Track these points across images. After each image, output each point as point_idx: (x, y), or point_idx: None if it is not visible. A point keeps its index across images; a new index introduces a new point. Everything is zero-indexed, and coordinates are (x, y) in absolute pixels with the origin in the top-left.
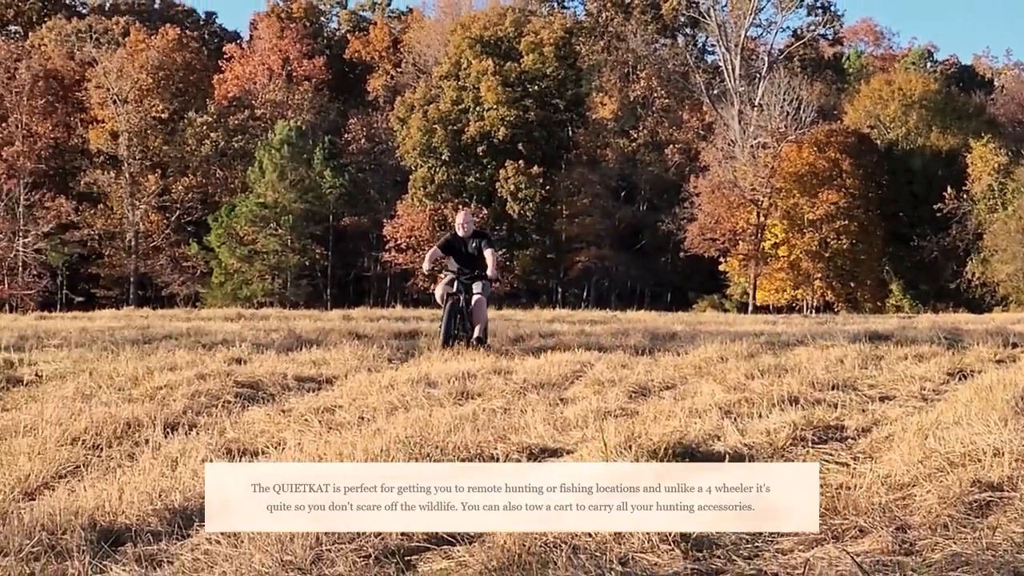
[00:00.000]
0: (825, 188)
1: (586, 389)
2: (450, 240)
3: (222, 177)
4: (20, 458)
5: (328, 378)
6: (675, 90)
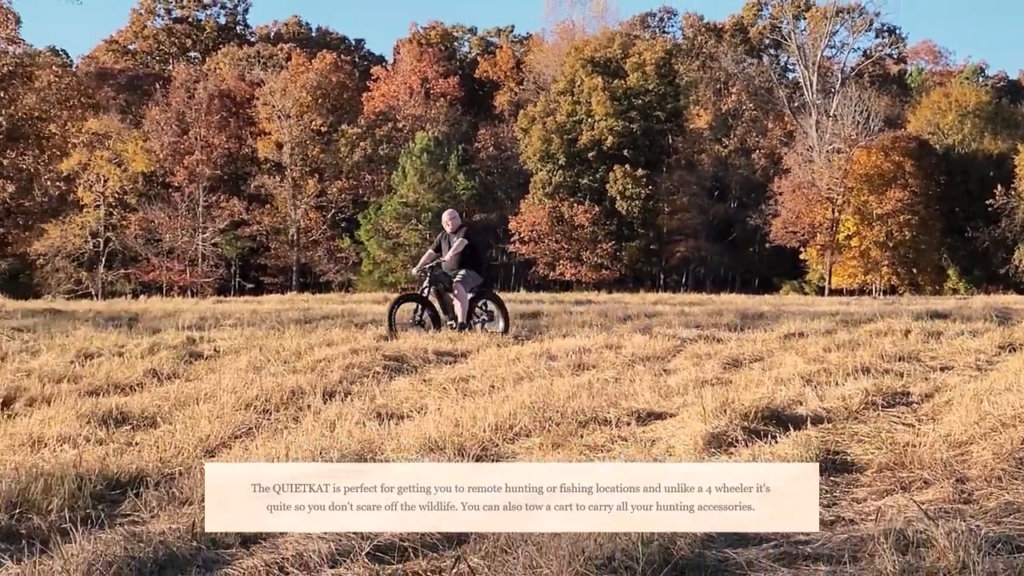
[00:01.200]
0: (891, 187)
1: (686, 361)
2: (440, 240)
3: (370, 180)
4: (202, 421)
5: (463, 352)
6: (761, 103)
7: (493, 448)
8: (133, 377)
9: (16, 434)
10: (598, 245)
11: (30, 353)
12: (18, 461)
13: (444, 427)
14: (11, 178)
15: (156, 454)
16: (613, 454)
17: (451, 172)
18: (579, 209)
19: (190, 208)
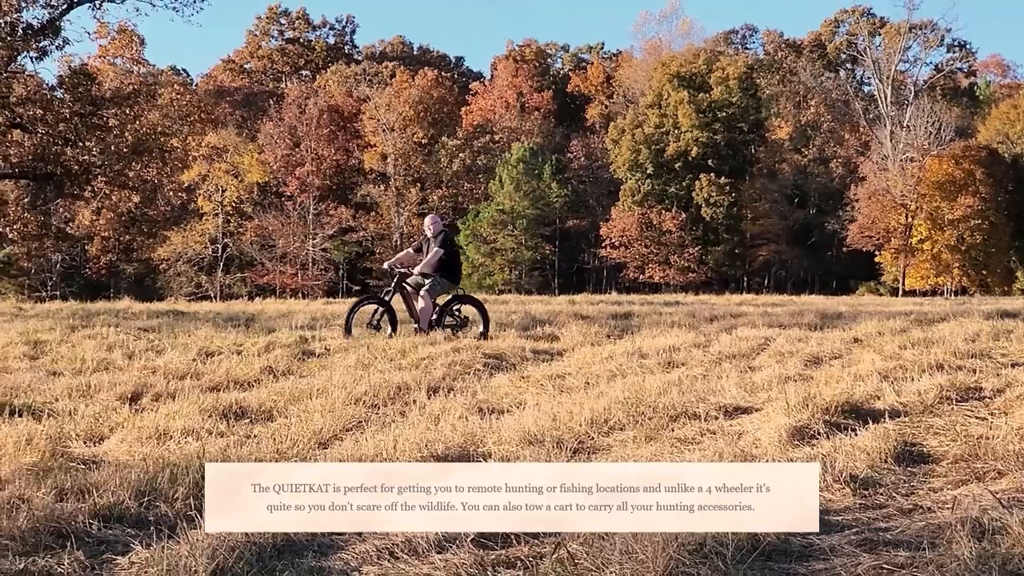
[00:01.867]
0: (961, 194)
1: (770, 359)
2: (421, 241)
3: (469, 189)
4: (315, 415)
5: (559, 351)
6: (838, 115)
7: (589, 441)
8: (251, 374)
9: (144, 427)
10: (685, 249)
11: (155, 352)
12: (146, 452)
13: (542, 421)
14: (136, 189)
15: (273, 446)
16: (703, 447)
17: (545, 181)
18: (666, 216)
19: (301, 216)
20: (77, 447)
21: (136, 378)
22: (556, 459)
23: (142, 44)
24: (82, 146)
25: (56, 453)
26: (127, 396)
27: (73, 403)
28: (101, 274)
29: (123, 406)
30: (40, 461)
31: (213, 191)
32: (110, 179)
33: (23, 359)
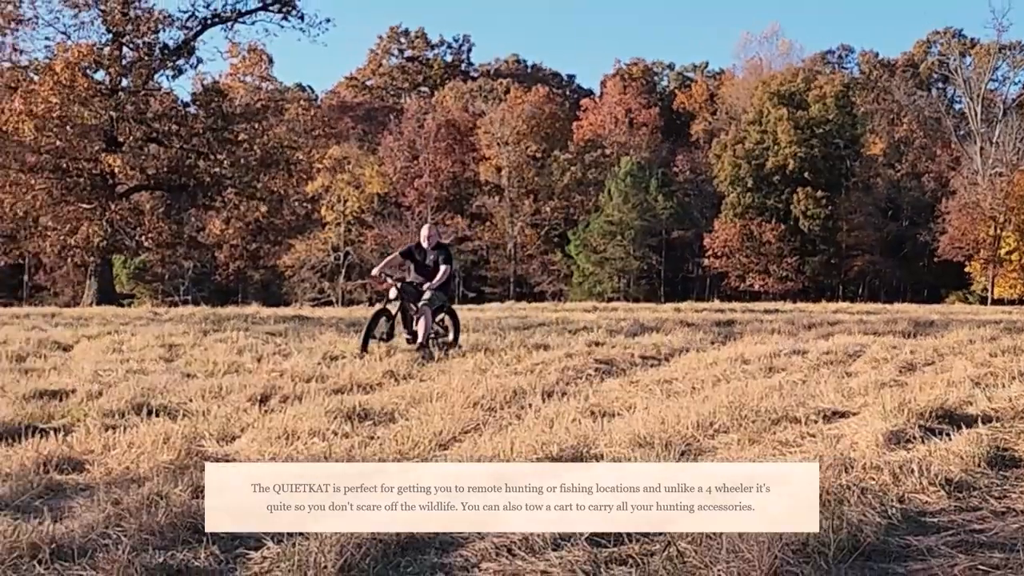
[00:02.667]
0: None
1: (866, 365)
2: (412, 249)
3: (579, 201)
4: (435, 418)
5: (665, 356)
6: (930, 132)
7: (695, 444)
8: (373, 378)
9: (272, 428)
10: (783, 259)
11: (282, 355)
12: (275, 452)
13: (651, 424)
14: (264, 199)
15: (395, 447)
16: (803, 449)
17: (651, 193)
18: (766, 227)
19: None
20: (210, 446)
21: (265, 380)
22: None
23: (270, 63)
24: (214, 159)
25: (191, 452)
26: (256, 398)
27: (206, 404)
28: (230, 280)
29: (253, 407)
30: (176, 459)
31: (336, 201)
32: (239, 190)
33: (159, 361)
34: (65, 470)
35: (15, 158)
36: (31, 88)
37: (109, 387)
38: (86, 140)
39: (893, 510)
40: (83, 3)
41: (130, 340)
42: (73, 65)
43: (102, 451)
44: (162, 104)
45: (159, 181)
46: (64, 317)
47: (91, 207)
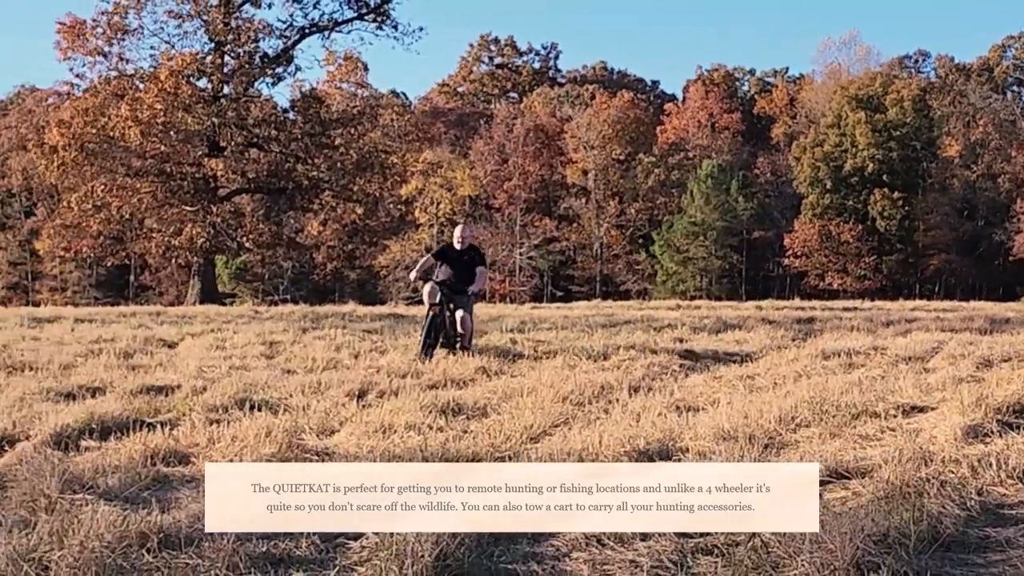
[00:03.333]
0: None
1: (943, 361)
2: (445, 250)
3: (663, 202)
4: (526, 412)
5: (748, 353)
6: (1005, 134)
7: (778, 437)
8: (466, 373)
9: (370, 422)
10: (861, 259)
11: (379, 352)
12: (372, 445)
13: (735, 419)
14: (360, 202)
15: (488, 440)
16: (883, 443)
17: (733, 195)
18: (844, 227)
19: (509, 226)
20: (310, 440)
21: (362, 376)
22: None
23: (366, 70)
24: (311, 163)
25: (292, 445)
26: (354, 393)
27: (306, 399)
28: (327, 280)
29: (351, 402)
30: (278, 452)
31: (429, 204)
32: (336, 193)
33: (260, 358)
34: (171, 463)
35: (122, 163)
36: (137, 96)
37: (213, 383)
38: (189, 145)
39: (972, 502)
40: (186, 14)
41: (232, 337)
42: (177, 73)
43: (207, 444)
44: (262, 110)
45: (259, 184)
46: (169, 315)
47: (194, 210)
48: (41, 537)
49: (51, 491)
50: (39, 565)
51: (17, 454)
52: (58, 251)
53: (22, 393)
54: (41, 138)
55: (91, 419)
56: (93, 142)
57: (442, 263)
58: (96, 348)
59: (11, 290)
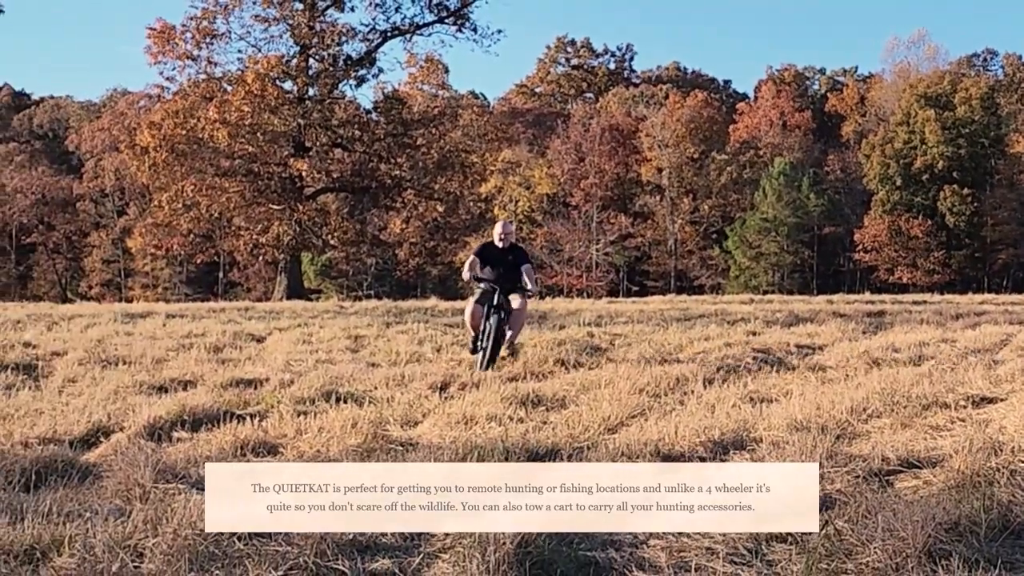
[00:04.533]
0: None
1: (1012, 353)
2: (486, 248)
3: (736, 199)
4: (603, 403)
5: (819, 345)
6: None
7: (849, 428)
8: (545, 366)
9: (452, 413)
10: (930, 253)
11: (460, 345)
12: (455, 436)
13: (807, 409)
14: (441, 200)
15: (567, 431)
16: (954, 434)
17: (804, 192)
18: (914, 223)
19: (585, 223)
20: (395, 430)
21: (444, 369)
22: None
23: (446, 71)
24: (394, 162)
25: (377, 436)
26: (437, 385)
27: (390, 391)
28: (409, 276)
29: (433, 394)
30: (363, 443)
31: (507, 201)
32: (418, 191)
33: (346, 352)
34: (260, 453)
35: (210, 163)
36: (224, 98)
37: (300, 376)
38: (276, 146)
39: None
40: (272, 18)
41: (318, 332)
42: (263, 76)
43: (294, 435)
44: (346, 112)
45: (343, 183)
46: (256, 311)
47: (281, 208)
48: (136, 525)
49: (145, 480)
50: (134, 552)
51: (112, 445)
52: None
53: (116, 386)
54: (133, 139)
55: (183, 411)
56: (183, 143)
57: (485, 263)
58: (187, 343)
59: (105, 287)
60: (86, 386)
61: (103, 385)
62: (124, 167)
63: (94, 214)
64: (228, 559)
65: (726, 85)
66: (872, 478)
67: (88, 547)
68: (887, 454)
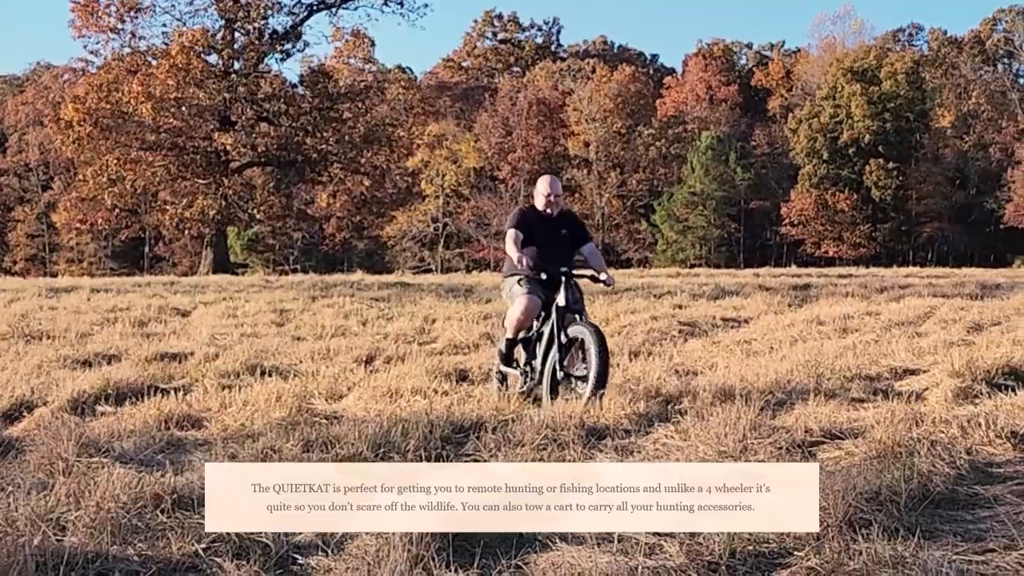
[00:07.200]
0: None
1: (935, 325)
2: (527, 217)
3: (663, 173)
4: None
5: (745, 318)
6: (996, 105)
7: (773, 399)
8: (470, 339)
9: (377, 387)
10: (856, 227)
11: (386, 319)
12: (380, 409)
13: (732, 381)
14: (367, 174)
15: (492, 404)
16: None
17: (731, 166)
18: (840, 197)
19: (512, 197)
20: (319, 404)
21: (370, 343)
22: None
23: (372, 45)
24: (320, 136)
25: (301, 409)
26: (362, 359)
27: (315, 365)
28: (336, 250)
29: (359, 367)
30: (288, 416)
31: (434, 175)
32: (344, 165)
33: (271, 326)
34: (185, 427)
35: (135, 137)
36: (149, 72)
37: (225, 349)
38: (201, 120)
39: (961, 461)
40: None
41: (244, 306)
42: (188, 49)
43: (219, 409)
44: (272, 86)
45: (269, 158)
46: (182, 285)
47: (206, 182)
48: (59, 498)
49: (68, 454)
50: (56, 525)
51: (36, 419)
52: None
53: (40, 361)
54: (57, 114)
55: (107, 385)
56: (107, 117)
57: (528, 238)
58: (112, 317)
59: (30, 262)
60: (9, 361)
61: (26, 360)
62: (48, 141)
63: (18, 188)
64: (151, 532)
65: (653, 59)
66: (795, 449)
67: (10, 520)
68: (810, 425)
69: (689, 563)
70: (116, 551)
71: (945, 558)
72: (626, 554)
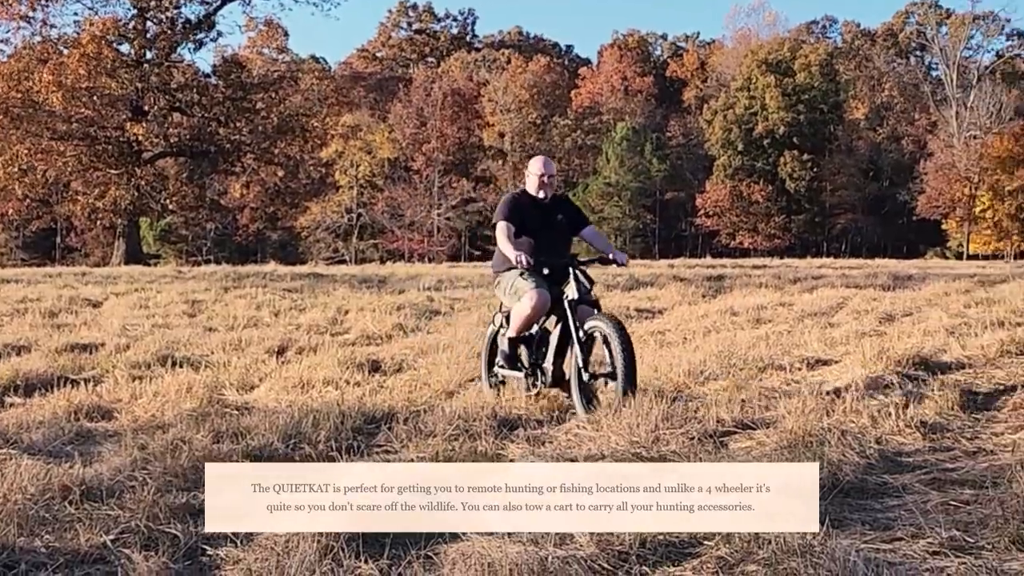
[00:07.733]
0: (1020, 167)
1: (847, 316)
2: (519, 203)
3: (578, 164)
4: (441, 368)
5: (659, 309)
6: (909, 97)
7: (687, 390)
8: (383, 330)
9: (289, 377)
10: (771, 218)
11: (299, 310)
12: (291, 400)
13: (645, 373)
14: (281, 165)
15: (404, 395)
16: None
17: (646, 157)
18: (755, 188)
19: (427, 188)
20: (231, 395)
21: (282, 333)
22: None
23: (286, 36)
24: (233, 127)
25: (212, 400)
26: (274, 349)
27: (227, 355)
28: (250, 240)
29: (270, 358)
30: (199, 407)
31: (348, 166)
32: (258, 156)
33: (183, 316)
34: (95, 418)
35: (46, 127)
36: (60, 61)
37: (136, 340)
38: (113, 110)
39: (871, 450)
40: None
41: (156, 297)
42: (99, 38)
43: (129, 400)
44: (184, 75)
45: (182, 148)
46: (94, 276)
47: (118, 173)
48: None
49: None
50: None
51: None
52: None
53: None
54: None
55: (16, 376)
56: (17, 106)
57: (520, 228)
58: (22, 308)
59: None
60: None
61: None
62: None
63: None
64: (59, 523)
65: (568, 50)
66: (707, 439)
67: None
68: (722, 416)
69: (599, 553)
70: (23, 543)
71: (853, 547)
72: (536, 544)
